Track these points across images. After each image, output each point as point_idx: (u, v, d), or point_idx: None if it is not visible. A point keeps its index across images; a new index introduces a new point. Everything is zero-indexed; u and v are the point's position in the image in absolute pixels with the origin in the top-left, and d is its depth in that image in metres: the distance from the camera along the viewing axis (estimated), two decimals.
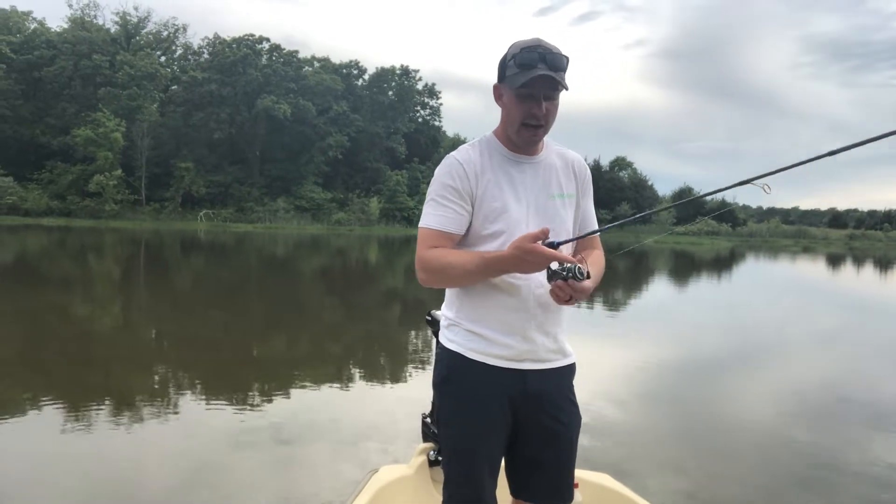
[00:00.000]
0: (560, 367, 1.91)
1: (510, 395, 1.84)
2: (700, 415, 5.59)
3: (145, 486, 3.64)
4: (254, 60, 53.06)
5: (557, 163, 1.90)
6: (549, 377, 1.89)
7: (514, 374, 1.84)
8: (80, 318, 9.70)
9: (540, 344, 1.85)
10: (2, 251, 21.36)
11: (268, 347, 8.14)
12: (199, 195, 48.96)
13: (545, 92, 1.72)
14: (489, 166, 1.81)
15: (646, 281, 20.54)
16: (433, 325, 2.65)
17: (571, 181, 1.90)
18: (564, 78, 1.73)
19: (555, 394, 1.89)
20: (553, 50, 1.73)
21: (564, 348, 1.93)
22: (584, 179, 1.94)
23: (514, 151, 1.84)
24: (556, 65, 1.71)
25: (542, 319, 1.84)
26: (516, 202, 1.79)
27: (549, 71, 1.69)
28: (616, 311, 12.76)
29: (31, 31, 53.59)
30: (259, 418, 4.91)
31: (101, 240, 28.27)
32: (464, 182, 1.77)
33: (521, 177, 1.82)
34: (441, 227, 1.78)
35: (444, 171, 1.81)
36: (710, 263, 29.70)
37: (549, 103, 1.75)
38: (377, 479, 2.51)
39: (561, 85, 1.72)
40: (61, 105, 49.50)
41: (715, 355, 8.45)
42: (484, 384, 1.83)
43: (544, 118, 1.75)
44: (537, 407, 1.87)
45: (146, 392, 5.59)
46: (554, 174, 1.87)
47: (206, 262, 20.95)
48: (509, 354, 1.83)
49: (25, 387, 5.63)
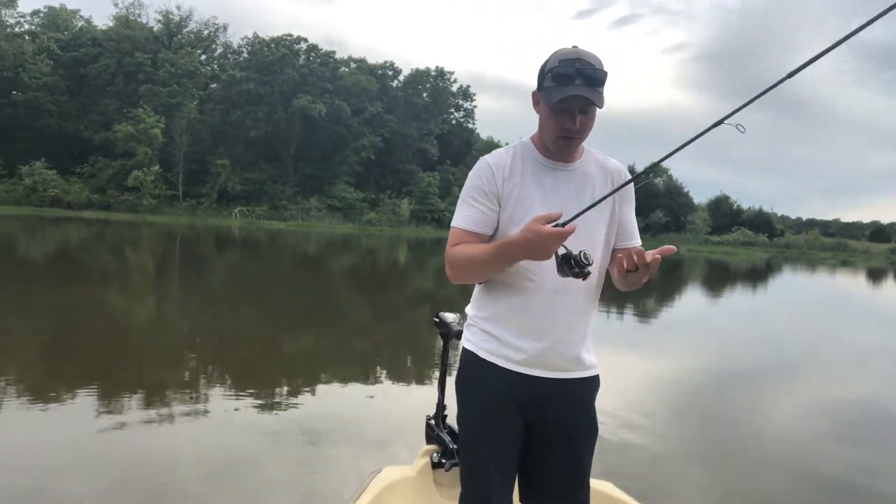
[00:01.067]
0: (576, 379, 1.86)
1: (519, 401, 1.84)
2: (731, 429, 5.45)
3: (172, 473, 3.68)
4: (291, 60, 53.80)
5: (595, 172, 1.88)
6: (563, 387, 1.85)
7: (526, 379, 1.83)
8: (116, 309, 9.91)
9: (553, 351, 1.82)
10: (45, 242, 21.98)
11: (291, 344, 8.20)
12: (235, 192, 49.81)
13: (580, 106, 1.71)
14: (519, 170, 1.82)
15: (679, 290, 20.21)
16: (441, 328, 2.62)
17: (605, 189, 1.84)
18: (601, 93, 1.71)
19: (567, 405, 1.86)
20: (592, 64, 1.69)
21: (583, 359, 1.87)
22: (625, 189, 1.88)
23: (548, 158, 1.84)
24: (593, 80, 1.69)
25: (556, 325, 1.81)
26: (544, 207, 1.77)
27: (584, 89, 1.68)
28: (648, 320, 12.56)
29: (78, 28, 55.26)
30: (269, 415, 4.93)
31: (138, 233, 28.91)
32: (491, 184, 1.80)
33: (553, 183, 1.82)
34: (468, 226, 1.82)
35: (475, 173, 1.85)
36: (745, 274, 29.09)
37: (584, 117, 1.74)
38: (380, 479, 2.49)
39: (595, 104, 1.70)
40: (104, 101, 50.84)
41: (748, 368, 8.24)
42: (494, 386, 1.84)
43: (579, 132, 1.76)
44: (549, 415, 1.85)
45: (175, 384, 5.67)
46: (589, 183, 1.85)
47: (239, 257, 21.25)
48: (520, 358, 1.82)
49: (61, 376, 5.75)
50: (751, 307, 16.62)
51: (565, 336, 1.82)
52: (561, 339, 1.82)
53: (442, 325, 2.63)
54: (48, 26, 54.34)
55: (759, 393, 6.94)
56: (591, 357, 1.90)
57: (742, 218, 63.57)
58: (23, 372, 5.86)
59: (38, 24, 55.24)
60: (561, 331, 1.81)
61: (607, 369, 1.95)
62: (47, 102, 49.42)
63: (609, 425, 5.02)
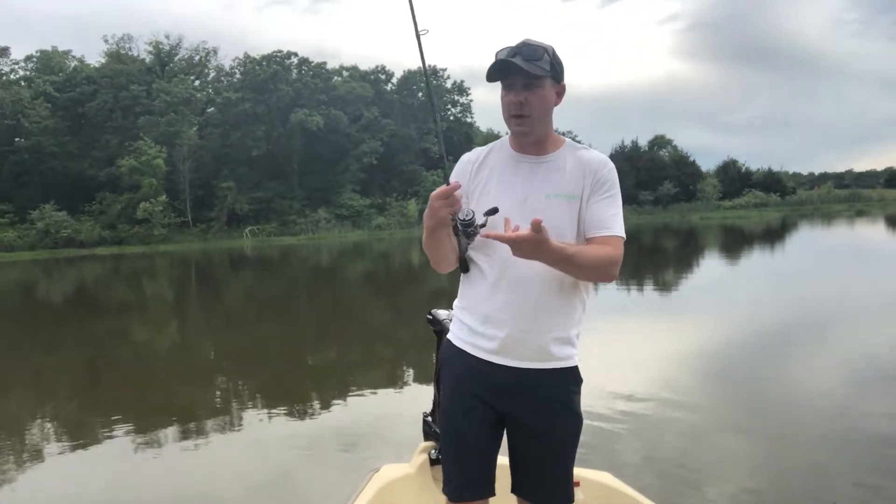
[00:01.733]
0: (544, 370, 1.81)
1: (489, 388, 1.84)
2: (769, 394, 5.39)
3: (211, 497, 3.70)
4: (284, 76, 53.97)
5: (568, 164, 1.83)
6: (531, 378, 1.81)
7: (492, 367, 1.83)
8: (139, 341, 10.00)
9: (516, 340, 1.80)
10: (62, 283, 22.23)
11: (310, 355, 8.23)
12: (243, 212, 50.10)
13: (522, 81, 1.74)
14: (489, 164, 1.89)
15: (695, 260, 20.06)
16: (434, 325, 2.63)
17: (578, 182, 1.80)
18: (538, 66, 1.73)
19: (540, 396, 1.82)
20: (530, 44, 1.75)
21: (552, 350, 1.81)
22: (598, 180, 1.81)
23: (518, 151, 1.87)
24: (528, 55, 1.73)
25: (519, 314, 1.79)
26: (498, 199, 1.80)
27: (514, 58, 1.71)
28: (667, 291, 12.47)
29: (72, 68, 55.77)
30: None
31: (152, 264, 29.16)
32: (463, 179, 1.88)
33: (513, 175, 1.84)
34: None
35: (454, 170, 1.95)
36: (760, 236, 28.82)
37: (529, 93, 1.75)
38: (378, 478, 2.50)
39: (524, 71, 1.71)
40: (105, 137, 51.32)
41: (777, 330, 8.16)
42: (465, 373, 1.88)
43: (527, 109, 1.76)
44: (518, 405, 1.84)
45: (202, 405, 5.71)
46: (558, 174, 1.82)
47: (254, 277, 21.37)
48: (488, 346, 1.84)
49: (94, 412, 5.81)
50: (771, 268, 16.45)
51: (530, 326, 1.79)
52: (524, 328, 1.80)
53: (435, 323, 2.63)
54: (42, 70, 54.88)
55: (793, 355, 6.86)
56: (565, 349, 1.83)
57: (752, 180, 62.87)
58: (57, 411, 5.93)
59: (31, 68, 55.80)
60: (524, 320, 1.79)
61: (632, 344, 1.92)
62: (50, 145, 49.97)
63: (643, 401, 4.99)
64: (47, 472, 4.32)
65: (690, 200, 58.95)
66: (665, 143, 68.99)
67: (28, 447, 4.80)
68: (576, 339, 1.87)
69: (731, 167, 64.64)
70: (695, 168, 64.16)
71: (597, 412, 4.74)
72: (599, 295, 12.37)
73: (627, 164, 59.65)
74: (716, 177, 63.24)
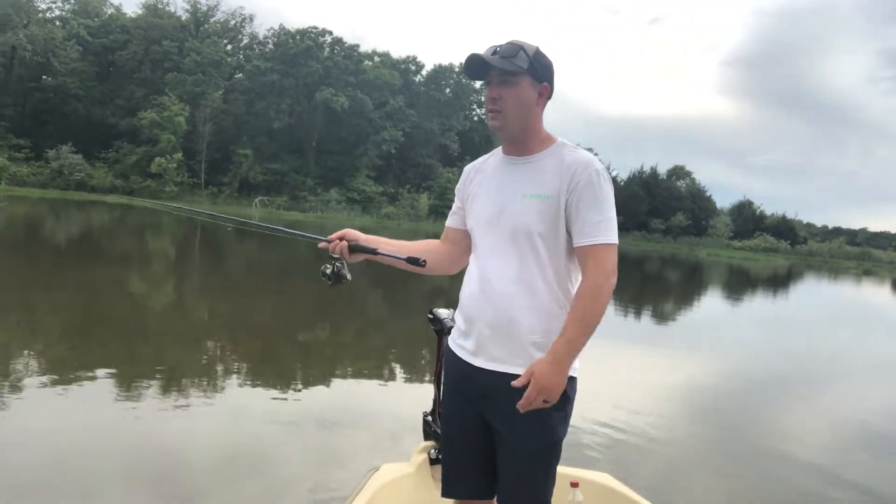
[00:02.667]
0: (516, 374, 1.74)
1: (467, 387, 1.87)
2: (749, 436, 5.37)
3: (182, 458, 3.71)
4: (316, 53, 54.01)
5: (550, 164, 1.79)
6: (504, 381, 1.74)
7: (471, 369, 1.85)
8: (135, 293, 10.03)
9: (488, 339, 1.80)
10: (69, 225, 22.32)
11: (297, 336, 8.24)
12: (256, 182, 50.20)
13: (498, 78, 1.77)
14: (482, 169, 1.95)
15: (698, 295, 20.01)
16: (434, 324, 2.63)
17: (555, 182, 1.75)
18: (511, 62, 1.74)
19: (511, 403, 1.71)
20: (511, 42, 1.78)
21: (533, 354, 1.74)
22: (577, 182, 1.74)
23: (507, 154, 1.89)
24: (500, 52, 1.76)
25: (487, 316, 1.80)
26: (487, 202, 1.86)
27: (489, 56, 1.75)
28: (666, 324, 12.45)
29: (108, 16, 55.94)
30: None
31: (158, 219, 29.23)
32: (461, 185, 2.02)
33: (497, 177, 1.88)
34: (447, 223, 2.08)
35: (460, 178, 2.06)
36: (765, 281, 28.72)
37: (503, 89, 1.77)
38: (378, 477, 2.49)
39: (495, 67, 1.74)
40: (130, 88, 51.47)
41: (767, 377, 8.13)
42: (456, 374, 1.92)
43: (500, 104, 1.78)
44: (492, 409, 1.83)
45: (189, 368, 5.72)
46: (537, 175, 1.79)
47: (257, 246, 21.40)
48: (467, 347, 1.87)
49: (80, 357, 5.83)
50: (771, 314, 16.40)
51: (503, 327, 1.77)
52: (497, 329, 1.78)
53: (435, 322, 2.62)
54: (79, 13, 55.07)
55: (779, 401, 6.84)
56: (535, 355, 1.75)
57: (765, 224, 62.70)
58: (44, 351, 5.95)
59: (68, 10, 56.01)
60: (497, 320, 1.78)
61: (622, 372, 1.90)
62: (75, 88, 50.13)
63: (626, 425, 4.98)
64: (25, 406, 4.34)
65: (701, 235, 58.78)
66: (684, 174, 68.81)
67: (11, 380, 4.82)
68: None
69: (747, 208, 64.50)
70: (710, 203, 64.01)
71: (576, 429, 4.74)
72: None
73: (644, 190, 59.50)
74: (729, 215, 63.05)
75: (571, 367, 1.75)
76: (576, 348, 1.69)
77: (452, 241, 2.05)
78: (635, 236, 55.05)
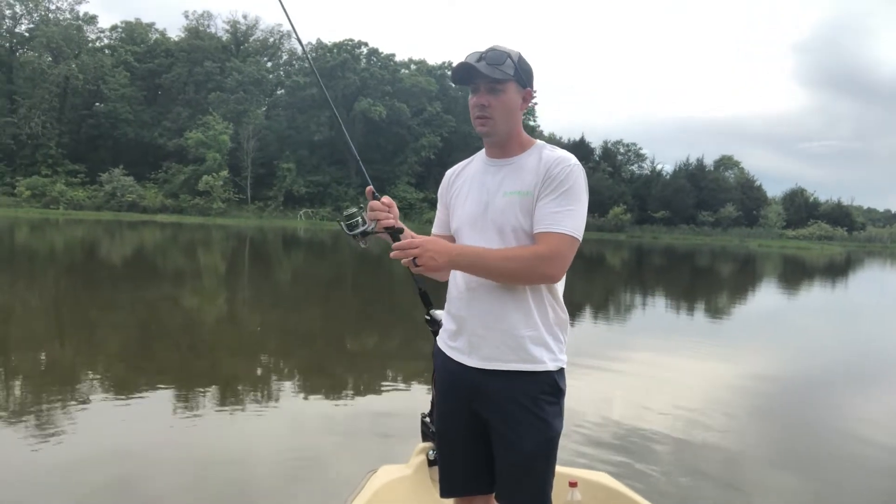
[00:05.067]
0: (514, 371, 1.77)
1: (464, 388, 1.85)
2: (816, 432, 5.17)
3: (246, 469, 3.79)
4: (352, 65, 54.80)
5: (530, 163, 1.83)
6: (497, 379, 1.78)
7: (463, 368, 1.85)
8: (190, 308, 10.31)
9: (479, 338, 1.81)
10: (122, 245, 23.13)
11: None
12: (300, 194, 51.15)
13: (484, 84, 1.79)
14: (465, 173, 1.98)
15: (752, 287, 19.44)
16: (432, 325, 2.61)
17: (533, 179, 1.79)
18: (499, 70, 1.76)
19: (507, 400, 1.78)
20: (495, 49, 1.79)
21: (521, 351, 1.77)
22: (549, 177, 1.76)
23: (490, 156, 1.92)
24: (487, 59, 1.77)
25: (472, 313, 1.82)
26: (471, 202, 1.88)
27: (467, 60, 1.76)
28: (720, 318, 12.12)
29: (153, 41, 57.93)
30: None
31: (208, 235, 30.04)
32: (443, 191, 2.04)
33: (485, 178, 1.89)
34: (434, 228, 2.09)
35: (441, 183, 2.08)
36: (822, 270, 27.70)
37: (492, 97, 1.79)
38: (376, 479, 2.48)
39: (483, 75, 1.75)
40: (176, 109, 53.17)
41: (831, 370, 7.82)
42: (446, 374, 1.92)
43: (489, 111, 1.80)
44: (489, 407, 1.83)
45: (243, 378, 5.84)
46: (518, 173, 1.83)
47: (304, 258, 21.75)
48: (456, 346, 1.87)
49: (140, 371, 6.02)
50: (832, 305, 15.79)
51: (490, 325, 1.79)
52: (484, 327, 1.80)
53: (433, 323, 2.60)
54: (126, 40, 57.25)
55: (845, 397, 6.57)
56: (534, 351, 1.78)
57: (819, 211, 60.54)
58: (106, 367, 6.17)
59: (116, 38, 58.27)
60: (483, 319, 1.80)
61: (679, 368, 1.85)
62: (125, 112, 52.08)
63: (686, 424, 4.86)
64: (91, 423, 4.49)
65: (752, 226, 57.13)
66: (732, 164, 67.07)
67: (77, 398, 5.01)
68: (551, 342, 1.81)
69: (799, 196, 62.41)
70: (760, 193, 62.20)
71: (631, 427, 4.64)
72: (647, 313, 12.13)
73: (690, 183, 58.21)
74: (781, 204, 61.13)
75: (559, 359, 1.81)
76: (475, 264, 1.75)
77: None
78: (683, 230, 53.85)
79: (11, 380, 5.63)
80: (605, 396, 5.61)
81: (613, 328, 10.07)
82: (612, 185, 55.99)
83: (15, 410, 4.69)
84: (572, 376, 1.91)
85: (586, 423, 4.75)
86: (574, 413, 4.88)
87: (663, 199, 55.96)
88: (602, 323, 10.45)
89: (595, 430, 4.65)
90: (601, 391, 5.79)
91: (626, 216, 53.70)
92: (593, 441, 4.42)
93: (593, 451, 4.22)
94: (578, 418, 4.75)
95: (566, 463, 2.41)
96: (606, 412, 5.11)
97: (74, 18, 55.17)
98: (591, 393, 5.62)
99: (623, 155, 66.03)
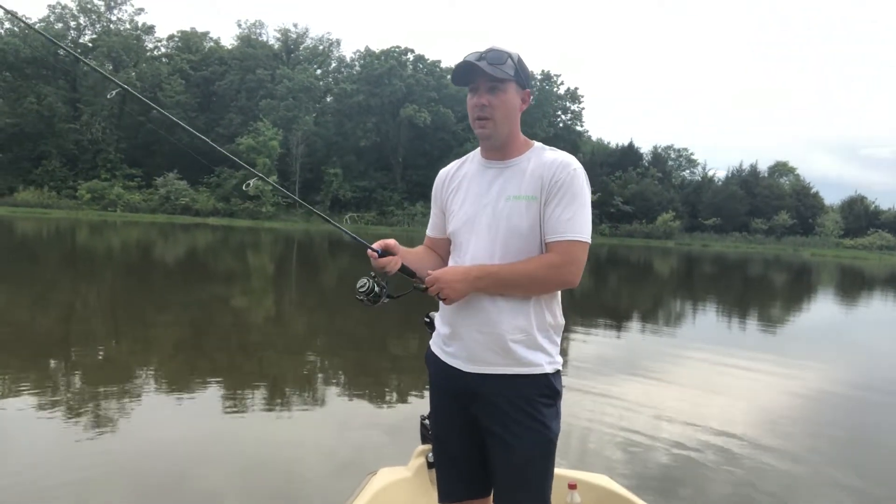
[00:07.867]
0: (508, 375, 1.77)
1: (456, 391, 1.85)
2: (877, 453, 4.95)
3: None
4: (399, 71, 55.29)
5: (530, 166, 1.81)
6: (493, 382, 1.78)
7: (453, 371, 1.84)
8: (240, 308, 10.55)
9: (475, 343, 1.79)
10: (176, 247, 23.86)
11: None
12: (346, 199, 51.89)
13: (485, 84, 1.77)
14: (460, 174, 1.96)
15: (809, 298, 18.76)
16: (431, 328, 2.59)
17: (536, 183, 1.77)
18: (500, 69, 1.74)
19: (503, 403, 1.77)
20: (495, 49, 1.77)
21: (517, 354, 1.76)
22: (554, 182, 1.76)
23: (486, 158, 1.90)
24: (488, 58, 1.74)
25: (465, 318, 1.81)
26: (469, 205, 1.86)
27: (478, 61, 1.73)
28: (771, 327, 11.74)
29: (208, 49, 59.67)
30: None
31: (258, 239, 30.72)
32: (437, 192, 2.02)
33: (484, 181, 1.86)
34: (427, 231, 2.09)
35: (433, 186, 2.05)
36: (884, 281, 26.53)
37: (492, 97, 1.77)
38: (375, 481, 2.48)
39: (488, 75, 1.73)
40: (229, 115, 54.62)
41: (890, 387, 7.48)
42: (439, 377, 1.92)
43: (489, 111, 1.78)
44: (486, 411, 1.81)
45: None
46: (519, 177, 1.81)
47: (349, 261, 22.03)
48: (450, 350, 1.87)
49: (192, 369, 6.19)
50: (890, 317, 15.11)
51: (484, 329, 1.78)
52: (478, 331, 1.79)
53: (432, 325, 2.58)
54: (182, 49, 59.10)
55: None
56: (529, 354, 1.77)
57: (880, 220, 58.04)
58: (161, 365, 6.36)
59: (172, 47, 60.22)
60: (476, 323, 1.79)
61: (731, 378, 1.80)
62: (181, 118, 53.52)
63: (740, 443, 4.72)
64: (145, 421, 4.64)
65: (807, 234, 55.20)
66: (787, 170, 65.02)
67: (132, 396, 5.17)
68: (546, 345, 1.80)
69: (858, 204, 59.96)
70: (816, 200, 60.03)
71: (680, 442, 4.53)
72: (698, 322, 11.83)
73: (743, 189, 56.64)
74: (839, 212, 58.88)
75: (555, 361, 1.81)
76: (497, 283, 1.74)
77: (436, 249, 2.08)
78: (735, 238, 52.34)
79: (71, 375, 5.86)
80: (656, 406, 5.49)
81: (661, 338, 9.85)
82: (660, 192, 54.87)
83: (72, 406, 4.88)
84: (619, 384, 1.88)
85: (634, 433, 4.66)
86: (620, 420, 4.79)
87: (714, 206, 54.50)
88: (650, 333, 10.24)
89: (645, 445, 4.55)
90: (653, 400, 5.67)
91: (675, 223, 52.52)
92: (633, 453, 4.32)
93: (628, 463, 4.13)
94: (626, 427, 4.66)
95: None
96: (656, 424, 5.00)
97: (134, 29, 57.23)
98: (645, 401, 5.51)
99: (674, 160, 64.75)
